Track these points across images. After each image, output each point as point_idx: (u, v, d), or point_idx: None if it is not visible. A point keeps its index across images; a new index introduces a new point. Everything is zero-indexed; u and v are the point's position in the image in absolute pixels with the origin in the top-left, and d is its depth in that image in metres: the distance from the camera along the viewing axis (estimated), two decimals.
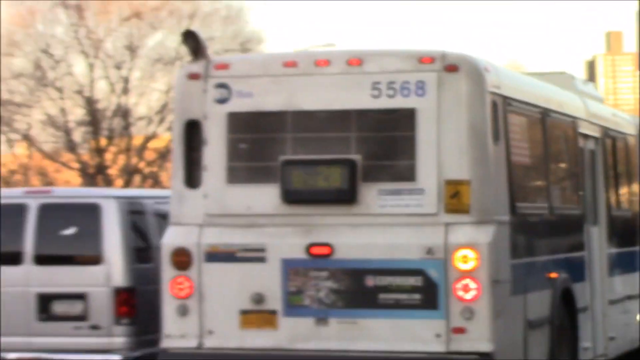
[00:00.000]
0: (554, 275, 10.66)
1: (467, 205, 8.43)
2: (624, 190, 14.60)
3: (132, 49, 43.65)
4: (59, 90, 43.61)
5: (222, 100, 9.13)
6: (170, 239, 9.18)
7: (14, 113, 43.83)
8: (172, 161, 9.61)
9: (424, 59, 8.61)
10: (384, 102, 8.68)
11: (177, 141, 9.38)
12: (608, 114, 14.79)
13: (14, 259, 11.10)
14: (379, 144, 8.84)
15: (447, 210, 8.46)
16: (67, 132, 43.72)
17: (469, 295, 8.27)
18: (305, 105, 8.93)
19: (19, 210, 11.29)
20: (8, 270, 11.07)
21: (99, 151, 43.82)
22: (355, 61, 8.84)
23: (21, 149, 46.35)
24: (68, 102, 43.71)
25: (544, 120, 11.08)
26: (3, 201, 11.87)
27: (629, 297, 14.08)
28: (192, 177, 9.24)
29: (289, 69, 9.07)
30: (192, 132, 9.27)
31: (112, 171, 44.62)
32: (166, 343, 9.07)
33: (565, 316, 10.92)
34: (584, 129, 12.59)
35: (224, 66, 9.30)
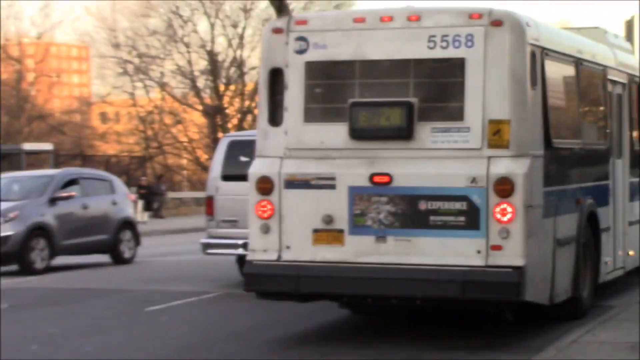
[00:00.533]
0: (581, 200, 10.63)
1: (507, 141, 8.34)
2: None
3: (246, 11, 45.53)
4: (186, 45, 45.77)
5: (301, 51, 9.06)
6: (256, 169, 9.16)
7: (149, 64, 46.35)
8: (258, 103, 9.54)
9: (474, 15, 8.50)
10: (438, 53, 8.58)
11: (263, 86, 9.33)
12: (635, 63, 14.45)
13: None
14: (433, 88, 8.77)
15: (489, 146, 8.38)
16: (193, 79, 46.31)
17: (505, 218, 8.22)
18: (371, 56, 8.86)
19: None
20: None
21: (219, 95, 46.43)
22: (415, 17, 8.72)
23: (155, 93, 48.37)
24: (194, 55, 46.48)
25: (578, 68, 10.90)
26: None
27: None
28: (275, 117, 9.20)
29: (358, 24, 8.97)
30: (275, 79, 9.20)
31: (229, 111, 47.08)
32: (251, 256, 9.19)
33: (590, 235, 10.90)
34: (613, 76, 12.36)
35: (303, 22, 9.22)
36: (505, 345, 8.99)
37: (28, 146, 34.21)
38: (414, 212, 8.60)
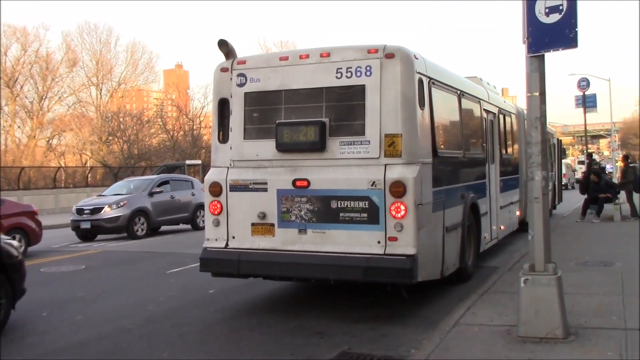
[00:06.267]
0: (465, 195, 10.69)
1: (400, 151, 8.28)
2: (508, 143, 15.38)
3: None
4: None
5: (241, 85, 9.18)
6: (210, 176, 9.36)
7: None
8: (212, 126, 9.71)
9: (371, 50, 8.41)
10: (343, 81, 8.55)
11: (214, 112, 9.46)
12: (501, 101, 15.53)
13: None
14: (340, 110, 8.71)
15: (385, 155, 8.33)
16: None
17: (399, 215, 8.13)
18: (293, 86, 8.90)
19: None
20: None
21: None
22: (325, 54, 8.72)
23: None
24: None
25: (460, 97, 10.98)
26: None
27: (511, 203, 15.40)
28: (223, 136, 9.36)
29: (283, 62, 8.97)
30: (224, 107, 9.36)
31: None
32: (206, 244, 9.38)
33: (473, 219, 11.20)
34: (486, 107, 13.04)
35: (242, 62, 9.26)
36: (403, 316, 8.68)
37: (188, 161, 48.92)
38: (327, 209, 8.52)
